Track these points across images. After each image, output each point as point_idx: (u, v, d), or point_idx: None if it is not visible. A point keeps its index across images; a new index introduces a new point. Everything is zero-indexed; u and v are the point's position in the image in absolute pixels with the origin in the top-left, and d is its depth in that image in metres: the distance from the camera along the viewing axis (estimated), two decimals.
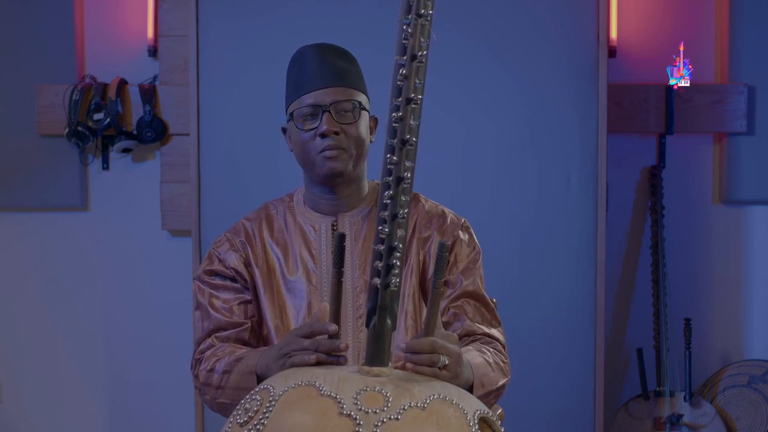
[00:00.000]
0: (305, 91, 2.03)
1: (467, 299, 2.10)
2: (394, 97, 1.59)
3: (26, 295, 3.94)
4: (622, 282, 3.89)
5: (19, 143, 3.83)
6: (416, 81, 1.58)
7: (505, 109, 3.42)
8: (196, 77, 3.42)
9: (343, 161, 2.02)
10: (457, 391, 1.66)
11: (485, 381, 1.92)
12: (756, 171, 3.80)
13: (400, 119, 1.59)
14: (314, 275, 2.08)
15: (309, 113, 2.03)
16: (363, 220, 2.10)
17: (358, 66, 2.10)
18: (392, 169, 1.60)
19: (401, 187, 1.60)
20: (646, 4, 3.84)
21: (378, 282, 1.63)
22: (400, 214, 1.61)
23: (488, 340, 2.08)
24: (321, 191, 2.09)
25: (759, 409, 3.73)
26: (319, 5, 3.39)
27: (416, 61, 1.56)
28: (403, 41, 1.55)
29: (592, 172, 3.41)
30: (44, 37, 3.80)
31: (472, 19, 3.40)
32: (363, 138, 2.05)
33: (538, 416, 3.43)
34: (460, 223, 2.15)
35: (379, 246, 1.62)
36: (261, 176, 3.40)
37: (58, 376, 3.94)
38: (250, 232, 2.13)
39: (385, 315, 1.64)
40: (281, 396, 1.58)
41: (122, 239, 3.91)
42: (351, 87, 2.05)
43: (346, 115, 2.03)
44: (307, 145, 2.03)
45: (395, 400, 1.55)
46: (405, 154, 1.61)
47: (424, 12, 1.55)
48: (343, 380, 1.59)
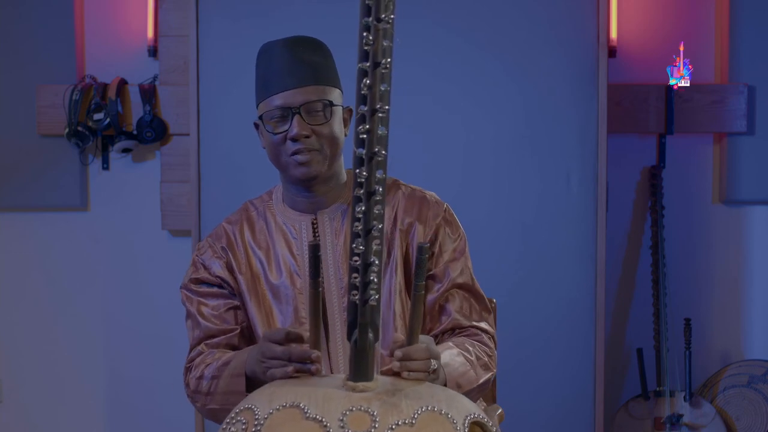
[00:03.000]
0: (274, 92, 1.97)
1: (456, 290, 2.07)
2: (359, 106, 1.48)
3: (26, 295, 3.94)
4: (622, 282, 3.89)
5: (19, 143, 3.83)
6: (381, 88, 1.47)
7: (505, 109, 3.42)
8: (196, 77, 3.42)
9: (317, 164, 1.98)
10: (445, 397, 1.63)
11: (462, 381, 1.91)
12: (756, 171, 3.80)
13: (368, 131, 1.48)
14: (298, 278, 2.04)
15: (279, 115, 1.97)
16: (342, 215, 2.05)
17: (329, 57, 2.04)
18: (362, 182, 1.50)
19: (372, 200, 1.51)
20: (646, 4, 3.83)
21: (357, 298, 1.58)
22: (375, 229, 1.53)
23: (475, 332, 2.05)
24: (297, 190, 2.05)
25: (759, 409, 3.73)
26: (320, 5, 3.39)
27: (380, 68, 1.46)
28: (365, 47, 1.45)
29: (592, 172, 3.41)
30: (44, 37, 3.80)
31: (471, 19, 3.40)
32: (336, 136, 1.99)
33: (538, 416, 3.43)
34: (443, 210, 2.09)
35: (355, 260, 1.55)
36: (261, 176, 3.39)
37: (58, 376, 3.94)
38: (232, 237, 2.10)
39: (366, 330, 1.60)
40: (266, 420, 1.55)
41: (122, 239, 3.91)
42: (322, 83, 1.98)
43: (317, 116, 1.97)
44: (279, 148, 1.98)
45: (383, 419, 1.52)
46: (375, 165, 1.50)
47: (385, 16, 1.44)
48: (328, 399, 1.56)
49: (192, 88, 3.43)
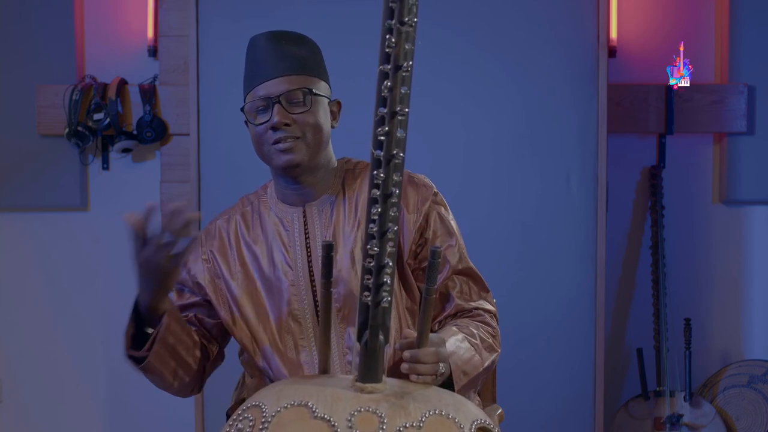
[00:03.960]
0: (257, 83, 2.00)
1: (455, 276, 2.07)
2: (379, 107, 1.49)
3: (26, 295, 3.94)
4: (622, 282, 3.89)
5: (19, 143, 3.83)
6: (401, 90, 1.48)
7: (505, 109, 3.42)
8: (196, 77, 3.42)
9: (299, 151, 1.97)
10: (453, 402, 1.63)
11: (468, 368, 1.91)
12: (756, 171, 3.80)
13: (387, 133, 1.48)
14: (290, 271, 2.03)
15: (261, 106, 1.99)
16: (331, 206, 2.05)
17: (315, 50, 2.04)
18: (379, 184, 1.52)
19: (389, 202, 1.52)
20: (646, 4, 3.83)
21: (369, 299, 1.58)
22: (390, 230, 1.54)
23: (477, 313, 2.06)
24: (285, 182, 2.05)
25: (759, 409, 3.73)
26: (320, 5, 3.39)
27: (401, 71, 1.47)
28: (386, 50, 1.47)
29: (592, 172, 3.41)
30: (44, 37, 3.80)
31: (471, 19, 3.40)
32: (320, 124, 1.99)
33: (538, 416, 3.43)
34: (431, 193, 2.07)
35: (368, 262, 1.56)
36: (261, 176, 3.39)
37: (58, 376, 3.94)
38: (225, 237, 2.10)
39: (377, 332, 1.60)
40: (273, 417, 1.54)
41: (122, 239, 3.87)
42: (304, 74, 1.99)
43: (298, 104, 1.97)
44: (261, 138, 1.99)
45: (390, 421, 1.52)
46: (393, 168, 1.51)
47: (408, 19, 1.46)
48: (336, 400, 1.56)
49: (192, 88, 3.43)
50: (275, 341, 2.03)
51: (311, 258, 2.03)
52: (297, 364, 2.01)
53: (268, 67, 1.99)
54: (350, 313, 1.99)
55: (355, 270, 1.99)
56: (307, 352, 2.01)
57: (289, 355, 2.01)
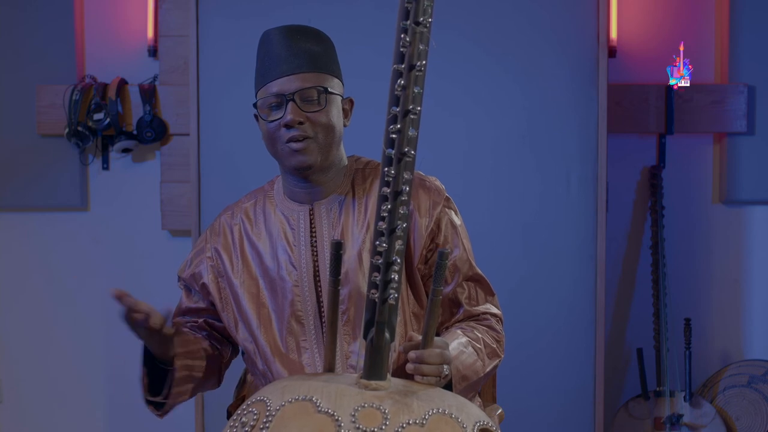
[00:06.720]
0: (270, 79, 1.95)
1: (464, 282, 2.07)
2: (391, 106, 1.50)
3: (26, 295, 3.94)
4: (622, 282, 3.89)
5: (19, 143, 3.83)
6: (414, 90, 1.49)
7: (505, 109, 3.42)
8: (196, 77, 3.43)
9: (311, 152, 1.95)
10: (456, 402, 1.64)
11: (468, 373, 1.91)
12: (756, 171, 3.80)
13: (398, 131, 1.50)
14: (294, 270, 2.01)
15: (274, 102, 1.95)
16: (339, 205, 2.03)
17: (329, 47, 2.01)
18: (390, 182, 1.53)
19: (399, 200, 1.53)
20: (646, 4, 3.84)
21: (376, 296, 1.59)
22: (399, 228, 1.55)
23: (484, 317, 2.07)
24: (295, 180, 2.03)
25: (759, 409, 3.73)
26: (320, 6, 3.39)
27: (415, 71, 1.48)
28: (401, 49, 1.47)
29: (592, 172, 3.41)
30: (44, 37, 3.80)
31: (472, 19, 3.40)
32: (332, 124, 1.96)
33: (538, 416, 3.43)
34: (443, 198, 2.07)
35: (377, 259, 1.56)
36: (261, 176, 3.39)
37: (58, 376, 3.94)
38: (228, 234, 2.09)
39: (383, 329, 1.61)
40: (278, 411, 1.55)
41: (122, 239, 3.91)
42: (318, 71, 1.95)
43: (312, 103, 1.94)
44: (273, 135, 1.96)
45: (393, 417, 1.53)
46: (404, 166, 1.53)
47: (423, 20, 1.45)
48: (340, 395, 1.57)
49: (192, 88, 3.43)
50: (277, 343, 2.01)
51: (317, 258, 2.01)
52: (299, 366, 1.99)
53: (282, 63, 1.95)
54: (355, 315, 1.98)
55: (362, 271, 1.97)
56: (309, 353, 1.99)
57: (290, 356, 2.00)
